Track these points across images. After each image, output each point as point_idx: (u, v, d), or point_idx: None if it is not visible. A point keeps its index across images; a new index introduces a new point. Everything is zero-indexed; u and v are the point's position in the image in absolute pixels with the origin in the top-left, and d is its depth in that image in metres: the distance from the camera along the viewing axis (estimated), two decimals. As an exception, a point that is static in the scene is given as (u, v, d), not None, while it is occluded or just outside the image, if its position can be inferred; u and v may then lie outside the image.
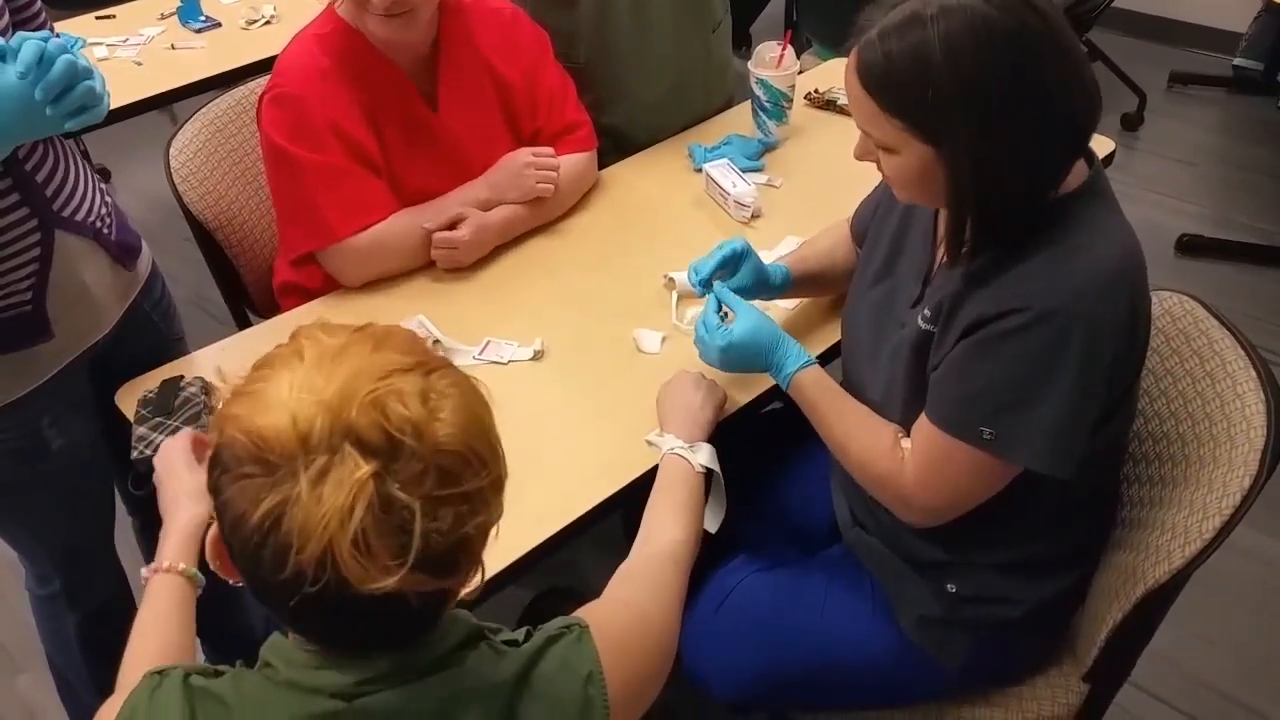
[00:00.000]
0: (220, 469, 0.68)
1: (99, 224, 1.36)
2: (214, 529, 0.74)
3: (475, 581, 0.74)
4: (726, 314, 1.32)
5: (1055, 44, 0.98)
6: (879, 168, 1.10)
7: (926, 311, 1.12)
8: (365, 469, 0.64)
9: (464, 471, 0.68)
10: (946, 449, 1.08)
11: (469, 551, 0.70)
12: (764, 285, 1.39)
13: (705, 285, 1.35)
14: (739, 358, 1.27)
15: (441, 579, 0.69)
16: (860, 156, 1.11)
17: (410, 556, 0.65)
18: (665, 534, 1.09)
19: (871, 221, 1.33)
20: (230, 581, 0.77)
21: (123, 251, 1.41)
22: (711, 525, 1.23)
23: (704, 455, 1.21)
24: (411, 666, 0.74)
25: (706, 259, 1.36)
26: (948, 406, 1.08)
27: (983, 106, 0.96)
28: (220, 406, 0.70)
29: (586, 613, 0.88)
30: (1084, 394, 1.03)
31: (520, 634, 0.83)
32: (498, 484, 0.72)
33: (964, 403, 1.07)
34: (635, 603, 0.96)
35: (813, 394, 1.24)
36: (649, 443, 1.28)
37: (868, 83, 1.01)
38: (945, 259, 1.11)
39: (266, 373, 0.70)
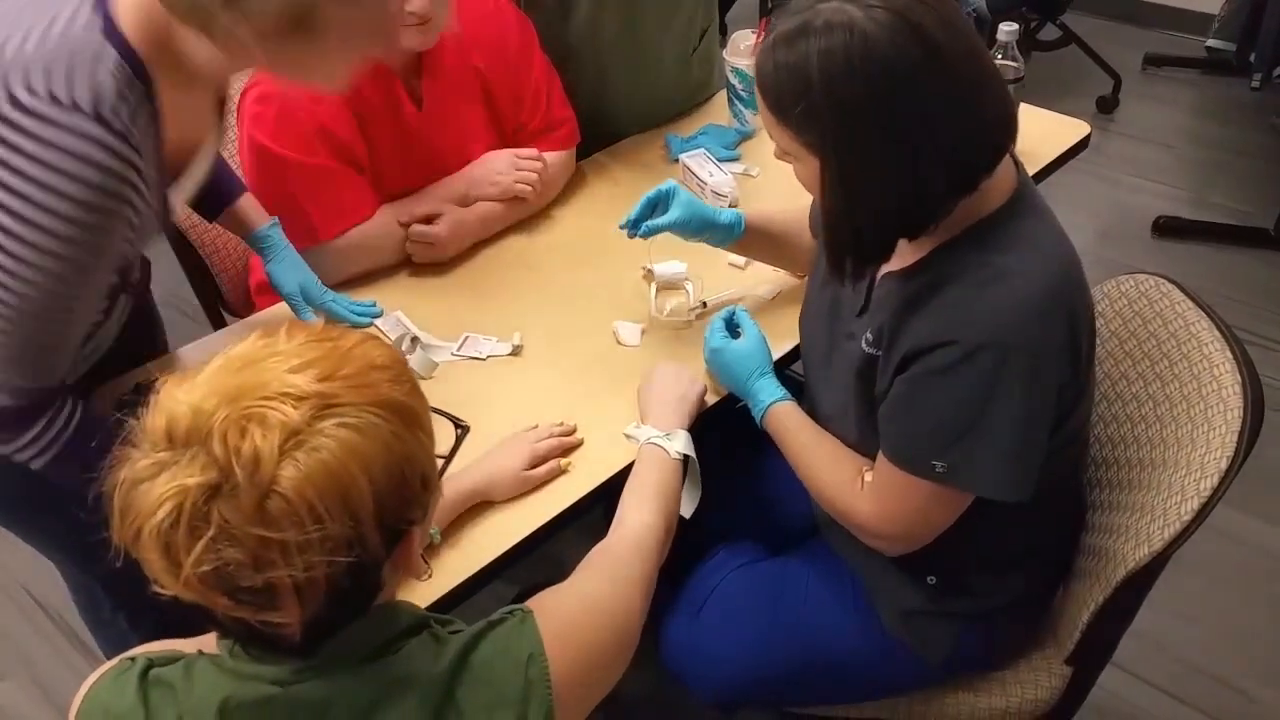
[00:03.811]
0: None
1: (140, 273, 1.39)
2: None
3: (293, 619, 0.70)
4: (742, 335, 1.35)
5: (941, 76, 0.94)
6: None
7: (869, 335, 1.11)
8: (199, 479, 0.65)
9: (284, 520, 0.66)
10: (902, 483, 1.09)
11: (284, 595, 0.68)
12: (708, 224, 1.39)
13: (633, 227, 1.38)
14: (722, 365, 1.32)
15: (257, 611, 0.69)
16: (779, 157, 1.10)
17: (183, 572, 0.66)
18: (633, 519, 1.08)
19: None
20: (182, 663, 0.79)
21: (143, 286, 1.46)
22: (686, 510, 1.22)
23: (680, 442, 1.21)
24: (348, 656, 0.75)
25: (639, 206, 1.39)
26: (897, 443, 1.09)
27: (850, 127, 0.95)
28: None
29: (537, 599, 0.88)
30: (1028, 419, 1.03)
31: (478, 625, 0.83)
32: (330, 543, 0.68)
33: (912, 439, 1.07)
34: (590, 587, 0.95)
35: (783, 429, 1.25)
36: (627, 436, 1.28)
37: (760, 88, 1.01)
38: (901, 266, 1.09)
39: (216, 357, 0.72)
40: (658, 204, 1.39)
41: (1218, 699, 1.83)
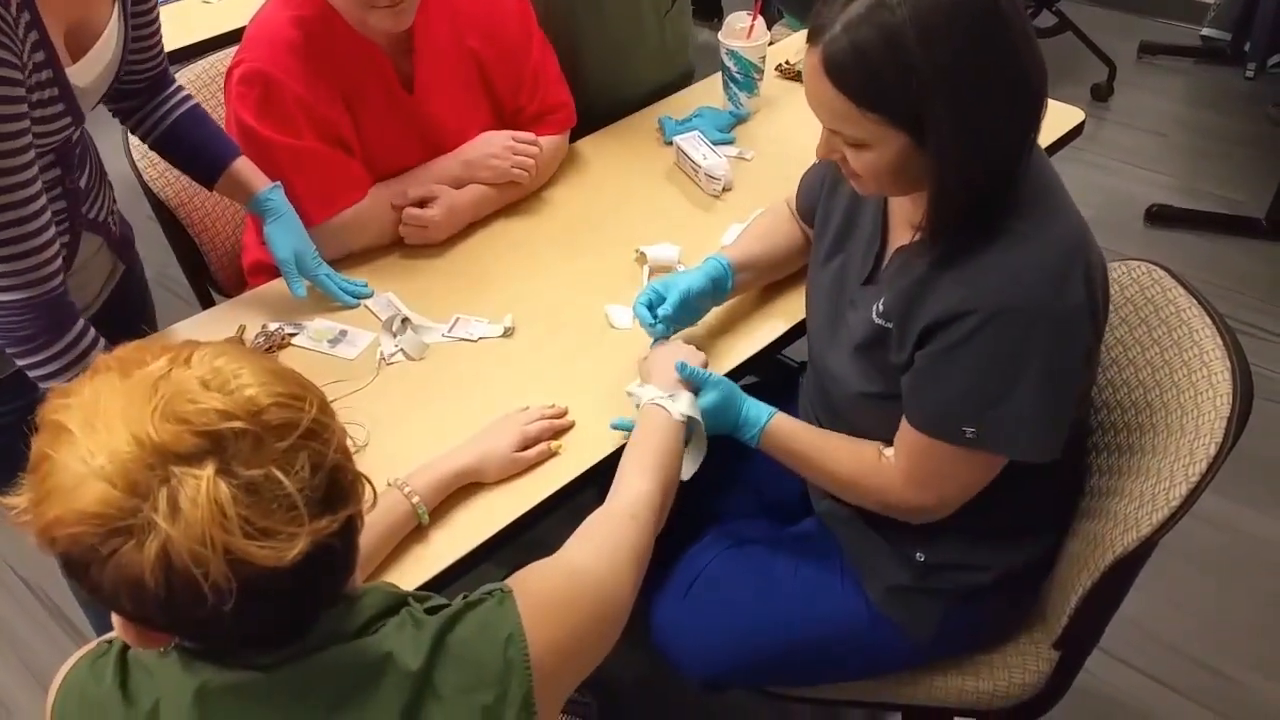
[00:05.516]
0: (85, 568, 0.65)
1: (110, 220, 1.39)
2: (117, 621, 0.72)
3: (369, 496, 0.75)
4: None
5: (1015, 12, 0.97)
6: (843, 165, 1.08)
7: (880, 306, 1.11)
8: (205, 473, 0.63)
9: (290, 416, 0.67)
10: (932, 450, 1.09)
11: (346, 473, 0.71)
12: (710, 285, 1.35)
13: (654, 327, 1.33)
14: (711, 423, 1.23)
15: (341, 510, 0.69)
16: (825, 155, 1.09)
17: (302, 511, 0.66)
18: (631, 488, 1.06)
19: (820, 196, 1.32)
20: (159, 649, 0.76)
21: (124, 245, 1.45)
22: (687, 471, 1.20)
23: (683, 404, 1.18)
24: (329, 638, 0.74)
25: (641, 315, 1.34)
26: (926, 414, 1.09)
27: (961, 84, 0.95)
28: (32, 522, 0.67)
29: (521, 574, 0.87)
30: (1055, 381, 1.03)
31: (456, 600, 0.83)
32: (324, 405, 0.71)
33: (941, 409, 1.07)
34: (576, 564, 0.93)
35: (785, 442, 1.23)
36: (629, 394, 1.25)
37: (837, 78, 0.98)
38: (916, 238, 1.09)
39: (45, 466, 0.66)
40: (653, 302, 1.34)
41: (1204, 684, 1.85)
